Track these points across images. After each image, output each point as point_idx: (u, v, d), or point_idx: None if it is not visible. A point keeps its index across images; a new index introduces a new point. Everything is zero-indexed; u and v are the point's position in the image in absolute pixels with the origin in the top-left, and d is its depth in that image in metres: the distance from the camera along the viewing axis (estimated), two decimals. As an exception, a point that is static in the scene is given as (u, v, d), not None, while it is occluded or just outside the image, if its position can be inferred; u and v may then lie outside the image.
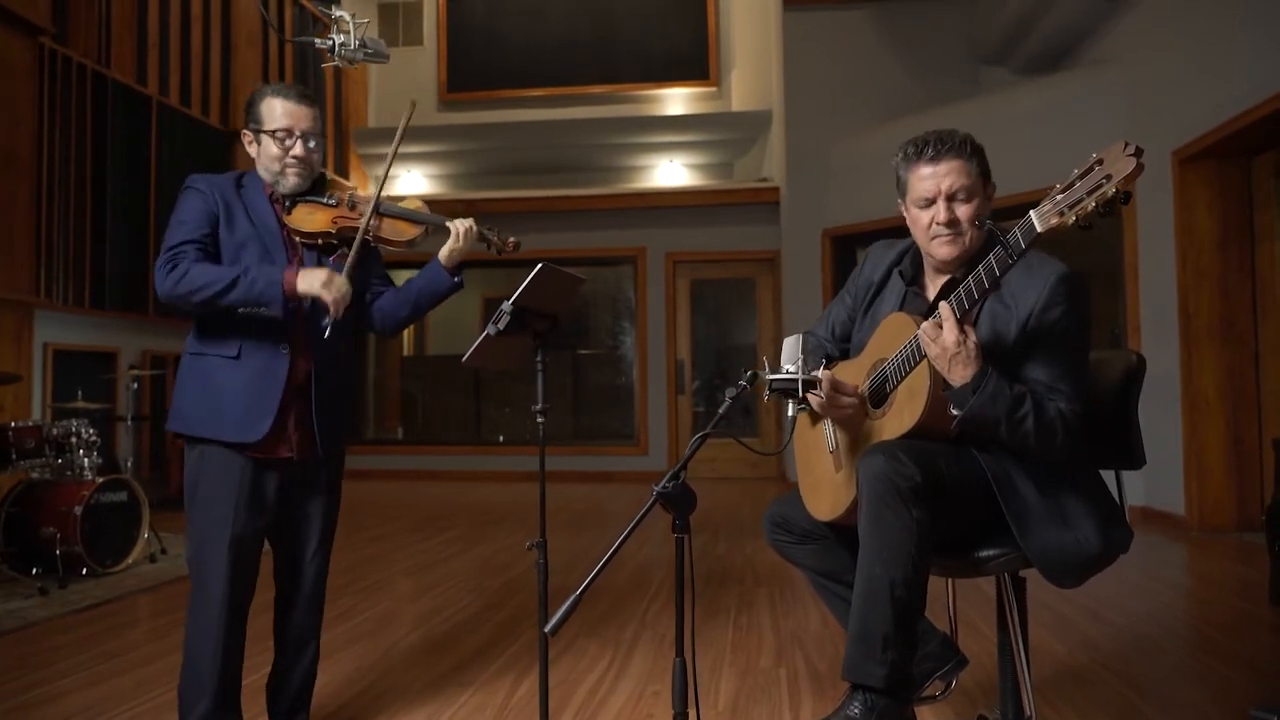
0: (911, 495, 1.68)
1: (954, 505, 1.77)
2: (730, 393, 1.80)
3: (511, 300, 2.02)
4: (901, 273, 2.03)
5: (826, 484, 2.00)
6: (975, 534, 1.85)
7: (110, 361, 6.53)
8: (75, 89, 6.11)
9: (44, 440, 4.33)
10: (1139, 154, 1.47)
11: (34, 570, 4.08)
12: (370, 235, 2.20)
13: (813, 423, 2.13)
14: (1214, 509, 5.19)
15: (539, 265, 2.00)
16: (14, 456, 4.19)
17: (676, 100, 9.99)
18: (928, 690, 2.06)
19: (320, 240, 2.18)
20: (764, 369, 1.91)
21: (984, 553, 1.83)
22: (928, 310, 1.87)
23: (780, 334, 8.25)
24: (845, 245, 7.86)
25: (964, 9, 7.82)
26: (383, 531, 5.79)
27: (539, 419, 2.09)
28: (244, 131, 2.17)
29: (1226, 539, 5.01)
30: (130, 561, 4.40)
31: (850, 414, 1.92)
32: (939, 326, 1.70)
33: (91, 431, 4.51)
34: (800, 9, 8.16)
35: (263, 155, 2.16)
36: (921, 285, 2.01)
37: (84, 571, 4.15)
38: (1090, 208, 1.51)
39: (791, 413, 1.94)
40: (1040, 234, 1.58)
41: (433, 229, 2.26)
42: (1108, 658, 2.91)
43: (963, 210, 1.87)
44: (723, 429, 1.85)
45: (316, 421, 2.17)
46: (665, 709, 1.83)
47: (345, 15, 2.17)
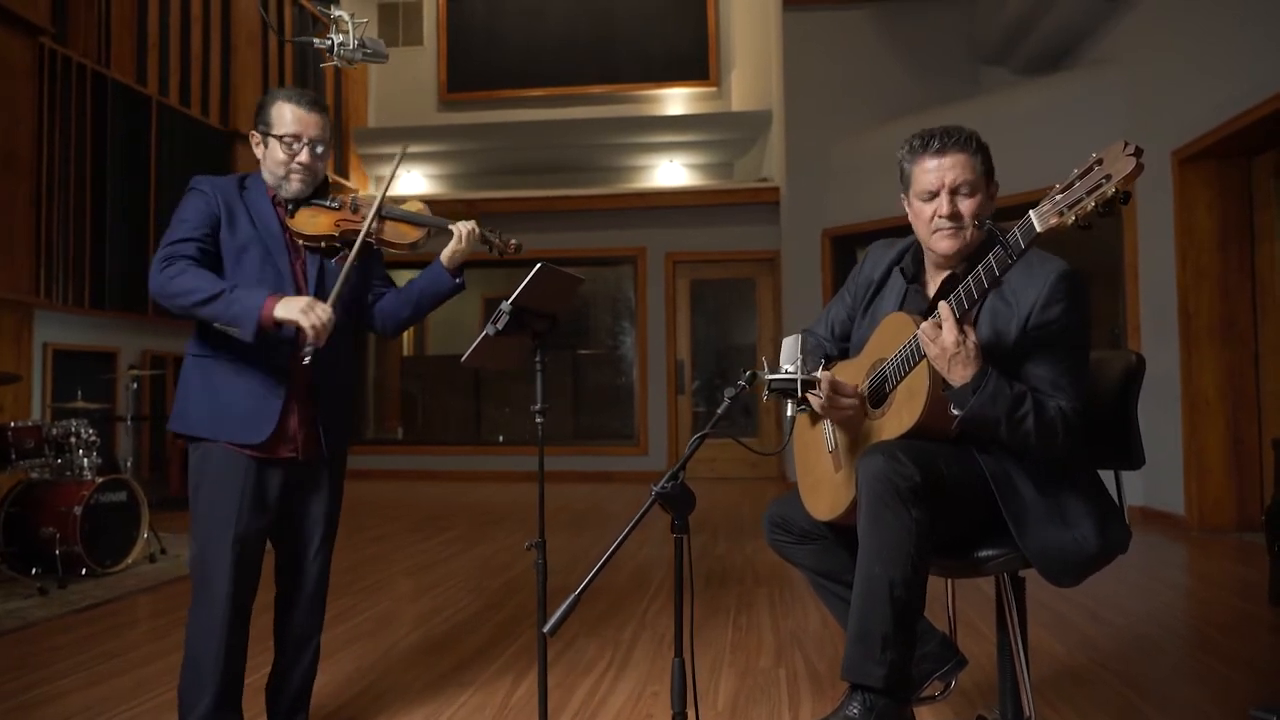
0: (911, 495, 1.68)
1: (953, 505, 1.77)
2: (729, 393, 1.80)
3: (510, 300, 2.02)
4: (903, 270, 2.02)
5: (826, 484, 2.00)
6: (975, 534, 1.85)
7: (110, 361, 6.53)
8: (75, 89, 6.11)
9: (44, 440, 4.33)
10: (1139, 154, 1.46)
11: (33, 570, 4.08)
12: (373, 238, 2.21)
13: (812, 423, 2.13)
14: (1214, 509, 5.19)
15: (538, 265, 2.00)
16: (13, 456, 4.19)
17: (676, 100, 9.99)
18: (927, 690, 2.06)
19: (323, 243, 2.19)
20: (763, 369, 1.91)
21: (983, 553, 1.83)
22: (927, 309, 1.87)
23: (780, 334, 8.25)
24: (845, 245, 7.86)
25: (964, 9, 7.82)
26: (383, 531, 5.79)
27: (538, 419, 2.09)
28: (252, 133, 2.19)
29: (1226, 539, 5.01)
30: (130, 562, 4.40)
31: (850, 415, 1.92)
32: (938, 326, 1.70)
33: (91, 431, 4.51)
34: (800, 9, 8.16)
35: (269, 159, 2.16)
36: (923, 283, 2.01)
37: (83, 571, 4.15)
38: (1090, 208, 1.51)
39: (791, 413, 1.94)
40: (1040, 234, 1.58)
41: (435, 231, 2.26)
42: (1107, 658, 2.91)
43: (965, 205, 1.87)
44: (722, 429, 1.85)
45: (321, 423, 2.18)
46: (665, 709, 1.83)
47: (344, 15, 2.18)
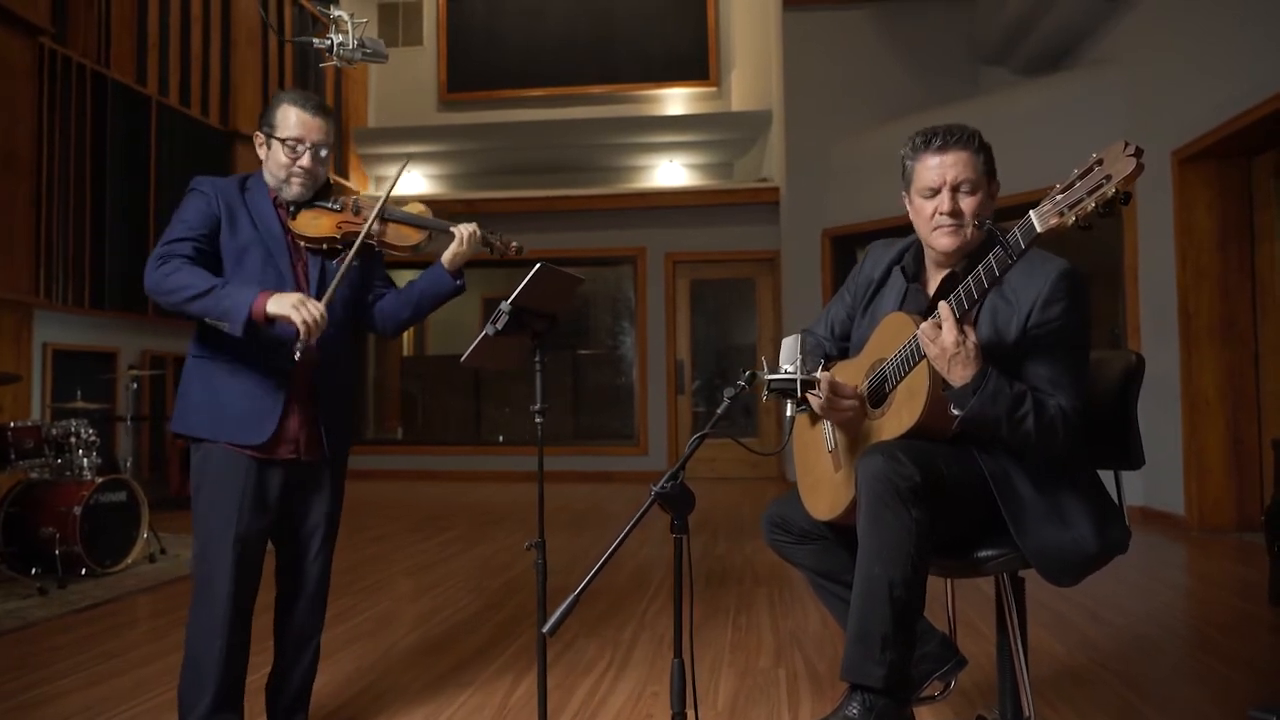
0: (910, 495, 1.68)
1: (953, 505, 1.76)
2: (729, 393, 1.80)
3: (510, 300, 2.02)
4: (903, 269, 2.02)
5: (825, 484, 2.00)
6: (974, 534, 1.85)
7: (110, 362, 6.53)
8: (75, 89, 6.11)
9: (43, 440, 4.33)
10: (1139, 154, 1.46)
11: (33, 570, 4.08)
12: (374, 240, 2.21)
13: (812, 423, 2.12)
14: (1214, 509, 5.19)
15: (537, 265, 2.00)
16: (13, 456, 4.19)
17: (676, 100, 9.99)
18: (927, 690, 2.06)
19: (325, 245, 2.19)
20: (763, 369, 1.91)
21: (983, 553, 1.83)
22: (927, 308, 1.87)
23: (780, 334, 8.25)
24: (845, 245, 7.86)
25: (964, 9, 7.82)
26: (383, 531, 5.79)
27: (537, 419, 2.09)
28: (256, 133, 2.19)
29: (1226, 539, 5.01)
30: (129, 562, 4.40)
31: (849, 416, 1.92)
32: (938, 327, 1.70)
33: (91, 431, 4.51)
34: (800, 9, 8.16)
35: (271, 160, 2.17)
36: (923, 282, 2.01)
37: (83, 572, 4.15)
38: (1090, 208, 1.51)
39: (790, 413, 1.94)
40: (1040, 234, 1.57)
41: (436, 233, 2.27)
42: (1107, 658, 2.91)
43: (966, 202, 1.87)
44: (721, 429, 1.85)
45: (323, 424, 2.19)
46: (664, 709, 1.83)
47: (344, 15, 2.18)
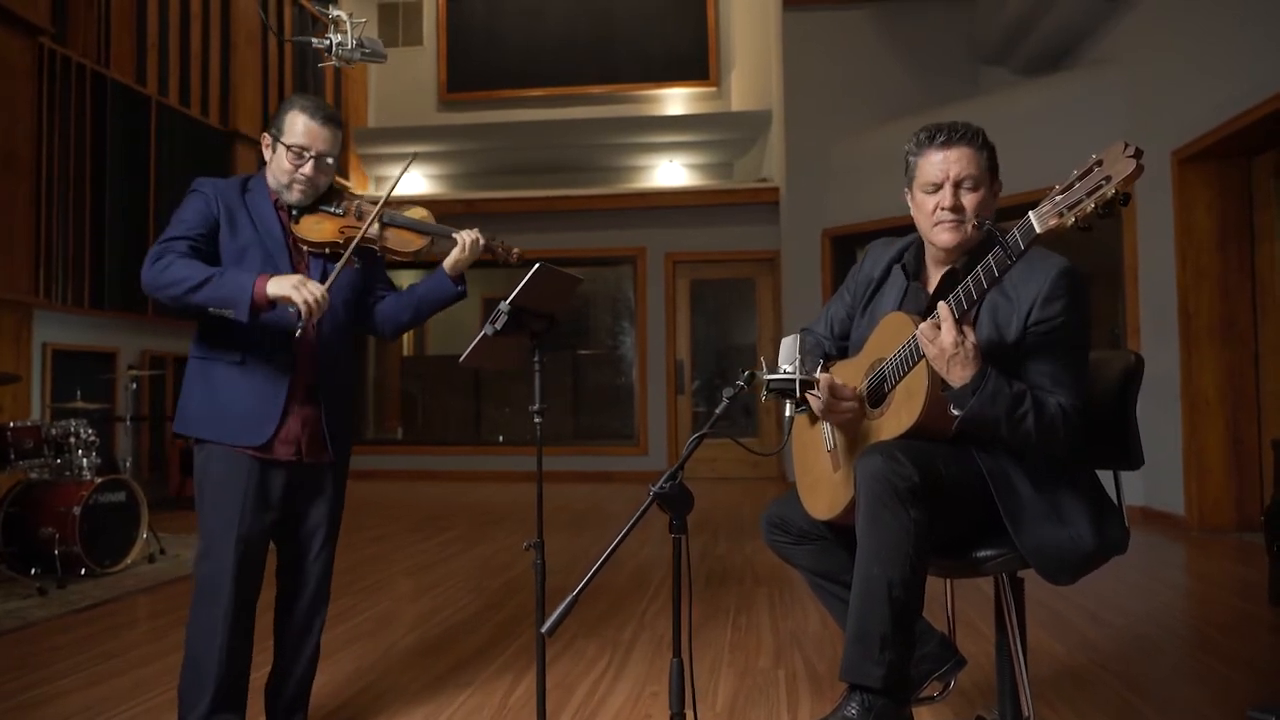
0: (909, 495, 1.68)
1: (952, 505, 1.76)
2: (728, 393, 1.80)
3: (509, 300, 2.02)
4: (904, 267, 2.02)
5: (824, 483, 2.00)
6: (973, 534, 1.84)
7: (109, 362, 6.53)
8: (74, 89, 6.11)
9: (43, 440, 4.33)
10: (1138, 155, 1.46)
11: (33, 570, 4.08)
12: (376, 245, 2.22)
13: (811, 422, 2.12)
14: (1213, 509, 5.19)
15: (536, 265, 2.00)
16: (13, 456, 4.18)
17: (676, 100, 9.99)
18: (926, 691, 2.06)
19: (327, 250, 2.20)
20: (762, 369, 1.91)
21: (982, 553, 1.83)
22: (926, 307, 1.87)
23: (780, 334, 8.24)
24: (845, 245, 7.86)
25: (964, 9, 7.82)
26: (383, 532, 5.79)
27: (536, 419, 2.09)
28: (264, 135, 2.20)
29: (1226, 539, 5.00)
30: (129, 562, 4.39)
31: (849, 417, 1.92)
32: (937, 327, 1.70)
33: (90, 432, 4.51)
34: (800, 9, 8.16)
35: (275, 164, 2.18)
36: (924, 280, 2.01)
37: (83, 572, 4.15)
38: (1089, 209, 1.50)
39: (789, 413, 1.94)
40: (1039, 235, 1.57)
41: (439, 239, 2.27)
42: (1107, 658, 2.91)
43: (968, 199, 1.87)
44: (721, 429, 1.85)
45: (326, 426, 2.19)
46: (663, 710, 1.83)
47: (343, 15, 2.18)
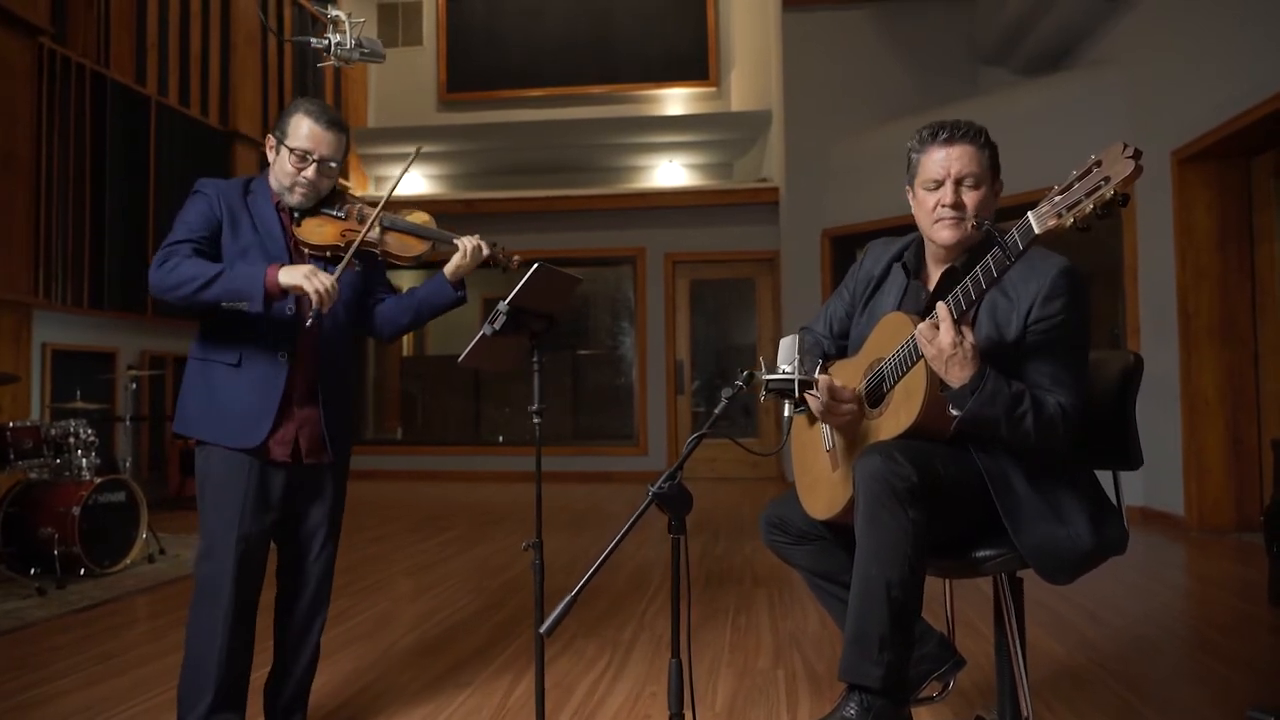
0: (908, 496, 1.68)
1: (951, 505, 1.76)
2: (726, 393, 1.80)
3: (508, 300, 2.01)
4: (905, 265, 2.02)
5: (823, 482, 2.00)
6: (972, 534, 1.84)
7: (109, 362, 6.53)
8: (74, 89, 6.11)
9: (42, 440, 4.33)
10: (1137, 156, 1.46)
11: (32, 570, 4.08)
12: (377, 251, 2.23)
13: (810, 422, 2.12)
14: (1213, 509, 5.19)
15: (535, 265, 2.00)
16: (12, 457, 4.18)
17: (676, 100, 9.99)
18: (925, 691, 2.06)
19: (329, 253, 2.20)
20: (761, 369, 1.91)
21: (981, 553, 1.83)
22: (926, 307, 1.87)
23: (780, 334, 8.24)
24: (845, 245, 7.86)
25: (964, 9, 7.82)
26: (382, 532, 5.79)
27: (535, 419, 2.09)
28: (269, 136, 2.20)
29: (1226, 539, 5.00)
30: (128, 562, 4.39)
31: (848, 419, 1.92)
32: (935, 327, 1.70)
33: (90, 432, 4.51)
34: (800, 9, 8.16)
35: (278, 166, 2.18)
36: (924, 278, 2.01)
37: (82, 572, 4.15)
38: (1088, 210, 1.50)
39: (788, 414, 1.94)
40: (1038, 236, 1.57)
41: (440, 244, 2.27)
42: (1106, 658, 2.91)
43: (969, 196, 1.87)
44: (721, 429, 1.85)
45: (325, 426, 2.20)
46: (663, 710, 1.83)
47: (342, 15, 2.18)
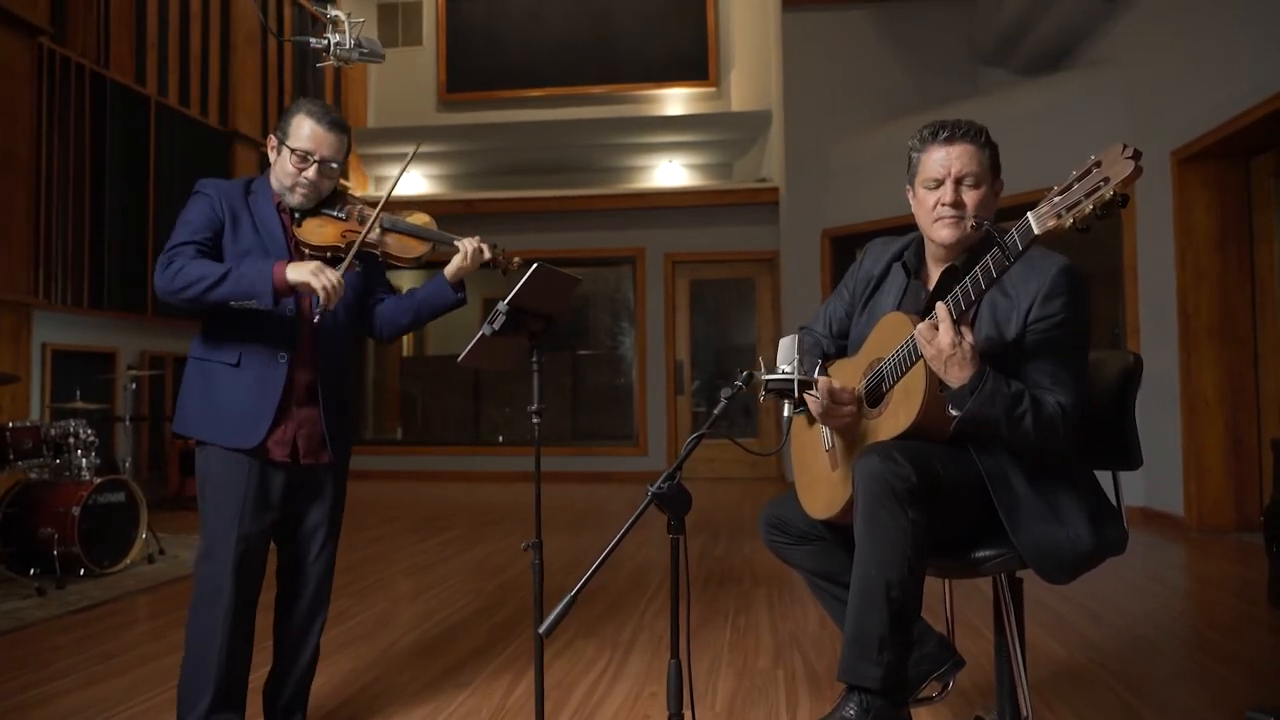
0: (907, 496, 1.68)
1: (950, 506, 1.76)
2: (726, 393, 1.80)
3: (507, 300, 2.01)
4: (905, 265, 2.02)
5: (822, 482, 2.00)
6: (972, 534, 1.84)
7: (108, 362, 6.53)
8: (74, 89, 6.11)
9: (42, 441, 4.33)
10: (1137, 157, 1.46)
11: (32, 571, 4.08)
12: (378, 252, 2.23)
13: (809, 422, 2.12)
14: (1213, 509, 5.19)
15: (534, 265, 2.00)
16: (12, 457, 4.18)
17: (676, 100, 9.99)
18: (924, 691, 2.06)
19: (329, 254, 2.20)
20: (760, 369, 1.91)
21: (980, 553, 1.83)
22: (925, 306, 1.87)
23: (780, 334, 8.23)
24: (844, 245, 7.86)
25: (964, 9, 7.82)
26: (382, 532, 5.79)
27: (534, 419, 2.09)
28: (270, 136, 2.21)
29: (1225, 539, 5.00)
30: (128, 562, 4.39)
31: (848, 420, 1.92)
32: (935, 328, 1.70)
33: (89, 432, 4.51)
34: (800, 9, 8.16)
35: (279, 166, 2.19)
36: (924, 277, 2.01)
37: (82, 572, 4.15)
38: (1088, 210, 1.50)
39: (787, 414, 1.94)
40: (1037, 236, 1.57)
41: (440, 246, 2.27)
42: (1106, 658, 2.91)
43: (969, 196, 1.87)
44: (721, 429, 1.85)
45: (325, 427, 2.20)
46: (662, 710, 1.83)
47: (341, 15, 2.18)
